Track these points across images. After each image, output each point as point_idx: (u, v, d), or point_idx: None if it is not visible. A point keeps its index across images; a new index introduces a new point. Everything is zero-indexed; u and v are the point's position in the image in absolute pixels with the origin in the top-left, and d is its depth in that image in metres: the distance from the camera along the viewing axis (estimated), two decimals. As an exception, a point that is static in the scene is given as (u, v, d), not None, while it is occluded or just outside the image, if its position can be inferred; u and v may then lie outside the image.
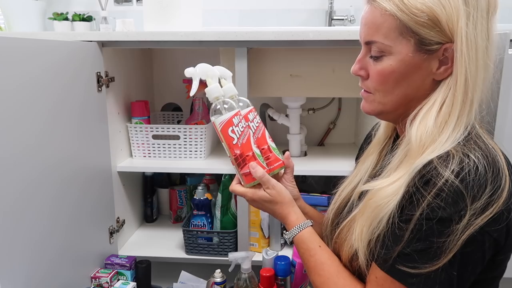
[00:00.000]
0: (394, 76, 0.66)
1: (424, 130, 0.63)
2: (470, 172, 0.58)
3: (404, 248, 0.61)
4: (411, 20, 0.62)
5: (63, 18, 1.72)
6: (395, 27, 0.63)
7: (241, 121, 0.77)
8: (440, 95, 0.64)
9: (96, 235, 1.26)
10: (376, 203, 0.65)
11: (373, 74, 0.68)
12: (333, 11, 1.74)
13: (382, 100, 0.69)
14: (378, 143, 0.80)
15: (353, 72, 0.72)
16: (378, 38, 0.65)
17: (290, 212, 0.79)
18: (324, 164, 1.42)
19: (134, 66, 1.53)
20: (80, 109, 1.14)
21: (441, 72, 0.64)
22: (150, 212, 1.65)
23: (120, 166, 1.39)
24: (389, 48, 0.65)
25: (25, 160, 0.92)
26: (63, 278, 1.08)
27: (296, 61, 1.30)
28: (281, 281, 1.18)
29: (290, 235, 0.78)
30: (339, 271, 0.72)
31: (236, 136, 0.76)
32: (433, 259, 0.59)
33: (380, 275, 0.64)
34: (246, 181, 0.79)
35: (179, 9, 1.35)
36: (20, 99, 0.91)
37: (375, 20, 0.65)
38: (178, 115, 1.69)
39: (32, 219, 0.95)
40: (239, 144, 0.76)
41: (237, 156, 0.77)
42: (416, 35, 0.62)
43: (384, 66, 0.66)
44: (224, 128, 0.76)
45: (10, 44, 0.88)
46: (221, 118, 0.76)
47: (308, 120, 1.65)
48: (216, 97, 0.78)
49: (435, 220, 0.58)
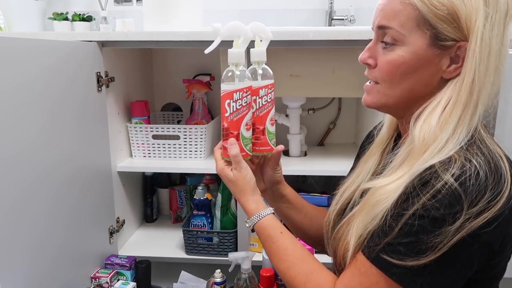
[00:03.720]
0: (403, 67, 0.65)
1: (427, 130, 0.63)
2: (470, 177, 0.57)
3: (392, 239, 0.61)
4: (431, 12, 0.61)
5: (63, 18, 1.72)
6: (413, 17, 0.62)
7: (242, 98, 0.75)
8: (446, 95, 0.63)
9: (96, 235, 1.26)
10: (375, 199, 0.64)
11: (382, 63, 0.67)
12: (333, 11, 1.73)
13: (387, 92, 0.68)
14: (381, 143, 0.80)
15: (361, 60, 0.70)
16: (394, 24, 0.64)
17: (249, 199, 0.77)
18: (324, 164, 1.42)
19: (134, 66, 1.53)
20: (80, 109, 1.14)
21: (450, 70, 0.64)
22: (150, 212, 1.65)
23: (120, 166, 1.38)
24: (403, 38, 0.63)
25: (25, 160, 0.92)
26: (63, 278, 1.08)
27: (296, 61, 1.30)
28: (281, 281, 1.18)
29: (251, 223, 0.77)
30: (303, 255, 0.72)
31: (230, 110, 0.75)
32: (419, 254, 0.58)
33: (363, 261, 0.64)
34: (223, 153, 0.79)
35: (179, 9, 1.35)
36: (20, 99, 0.91)
37: (393, 6, 0.64)
38: (178, 115, 1.69)
39: (32, 219, 0.95)
40: (229, 119, 0.76)
41: (224, 128, 0.77)
42: (433, 29, 0.62)
43: (395, 56, 0.65)
44: (223, 97, 0.75)
45: (10, 44, 0.88)
46: (225, 87, 0.75)
47: (308, 120, 1.65)
48: (234, 63, 0.76)
49: (428, 219, 0.58)
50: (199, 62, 1.66)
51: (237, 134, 0.77)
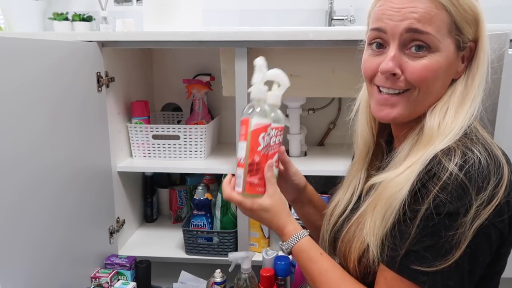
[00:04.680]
0: (439, 72, 0.64)
1: (441, 123, 0.64)
2: (473, 165, 0.58)
3: (413, 245, 0.60)
4: (461, 16, 0.62)
5: (63, 18, 1.72)
6: (447, 23, 0.62)
7: (276, 136, 0.76)
8: (456, 93, 0.66)
9: (96, 235, 1.26)
10: (389, 192, 0.63)
11: (417, 70, 0.63)
12: (333, 11, 1.74)
13: (422, 99, 0.66)
14: (363, 157, 0.79)
15: (388, 70, 0.64)
16: (430, 29, 0.61)
17: (288, 222, 0.75)
18: (324, 164, 1.42)
19: (134, 66, 1.53)
20: (80, 109, 1.14)
21: (460, 71, 0.66)
22: (150, 212, 1.65)
23: (120, 166, 1.39)
24: (438, 44, 0.62)
25: (25, 160, 0.92)
26: (63, 278, 1.08)
27: (296, 61, 1.30)
28: (281, 281, 1.19)
29: (289, 245, 0.75)
30: (344, 276, 0.71)
31: (263, 144, 0.73)
32: (445, 255, 0.58)
33: (390, 275, 0.63)
34: (247, 190, 0.75)
35: (179, 9, 1.35)
36: (20, 99, 0.91)
37: (429, 10, 0.61)
38: (178, 115, 1.69)
39: (32, 219, 0.95)
40: (262, 153, 0.74)
41: (254, 163, 0.74)
42: (460, 34, 0.63)
43: (432, 62, 0.63)
44: (256, 131, 0.73)
45: (10, 44, 0.88)
46: (259, 120, 0.73)
47: (308, 120, 1.65)
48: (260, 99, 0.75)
49: (443, 215, 0.58)
50: (199, 62, 1.66)
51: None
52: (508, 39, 0.94)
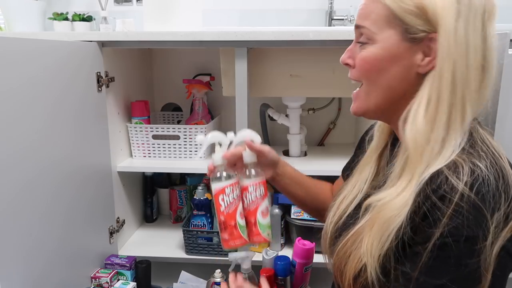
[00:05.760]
0: (377, 64, 0.66)
1: (416, 131, 0.62)
2: (483, 183, 0.56)
3: (438, 278, 0.58)
4: (399, 7, 0.62)
5: (63, 18, 1.72)
6: (384, 15, 0.64)
7: (233, 192, 0.83)
8: (426, 91, 0.62)
9: (96, 235, 1.26)
10: (386, 216, 0.62)
11: (357, 61, 0.69)
12: (333, 11, 1.73)
13: (367, 91, 0.69)
14: (375, 150, 0.78)
15: (342, 61, 0.72)
16: (366, 24, 0.66)
17: None
18: (324, 164, 1.42)
19: (134, 66, 1.53)
20: (80, 109, 1.14)
21: (424, 64, 0.63)
22: (150, 212, 1.65)
23: (120, 166, 1.39)
24: (374, 36, 0.65)
25: (25, 160, 0.92)
26: (63, 278, 1.08)
27: (296, 61, 1.30)
28: (281, 281, 1.18)
29: None
30: None
31: (224, 204, 0.82)
32: (476, 283, 0.56)
33: None
34: (224, 245, 0.85)
35: (179, 9, 1.36)
36: (20, 99, 0.91)
37: (367, 6, 0.67)
38: (178, 115, 1.69)
39: (31, 219, 0.95)
40: (225, 212, 0.82)
41: (221, 222, 0.83)
42: (403, 24, 0.63)
43: (368, 53, 0.66)
44: (216, 195, 0.83)
45: (10, 44, 0.88)
46: (215, 185, 0.83)
47: (308, 120, 1.65)
48: (218, 166, 0.85)
49: (462, 241, 0.56)
50: (199, 62, 1.66)
51: (234, 224, 0.83)
52: (508, 39, 0.94)
